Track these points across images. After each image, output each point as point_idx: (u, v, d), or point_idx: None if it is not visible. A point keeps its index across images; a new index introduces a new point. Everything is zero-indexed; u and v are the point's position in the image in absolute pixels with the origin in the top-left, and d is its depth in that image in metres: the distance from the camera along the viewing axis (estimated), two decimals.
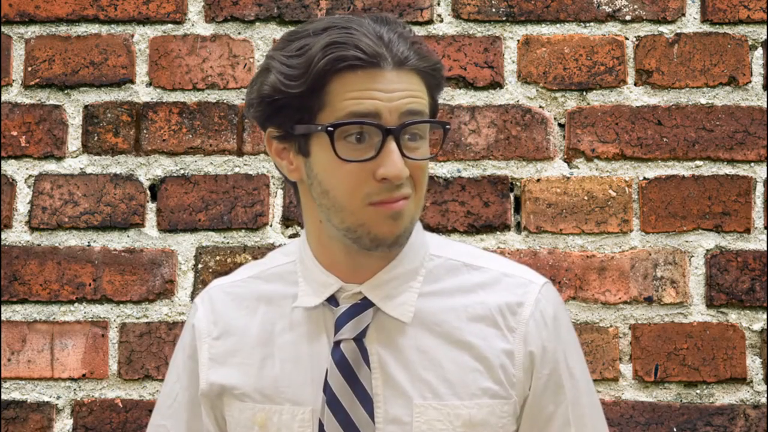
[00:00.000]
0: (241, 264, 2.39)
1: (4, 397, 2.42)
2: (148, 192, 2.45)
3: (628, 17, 2.45)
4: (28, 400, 2.42)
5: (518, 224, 2.42)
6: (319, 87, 1.64)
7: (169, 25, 2.49)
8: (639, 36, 2.45)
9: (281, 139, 1.71)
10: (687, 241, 2.40)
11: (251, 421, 1.75)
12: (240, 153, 2.45)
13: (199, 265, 2.42)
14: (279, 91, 1.66)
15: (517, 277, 1.77)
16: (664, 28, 2.45)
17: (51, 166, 2.46)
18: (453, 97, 2.44)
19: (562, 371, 1.74)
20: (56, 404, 2.42)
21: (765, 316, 2.37)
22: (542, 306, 1.74)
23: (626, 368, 2.38)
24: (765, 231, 2.39)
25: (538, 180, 2.42)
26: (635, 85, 2.44)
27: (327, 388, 1.69)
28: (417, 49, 1.67)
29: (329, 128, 1.62)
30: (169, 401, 1.86)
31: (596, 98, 2.44)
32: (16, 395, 2.42)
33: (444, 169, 2.42)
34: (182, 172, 2.45)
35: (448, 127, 1.71)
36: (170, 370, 1.89)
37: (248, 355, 1.78)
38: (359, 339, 1.70)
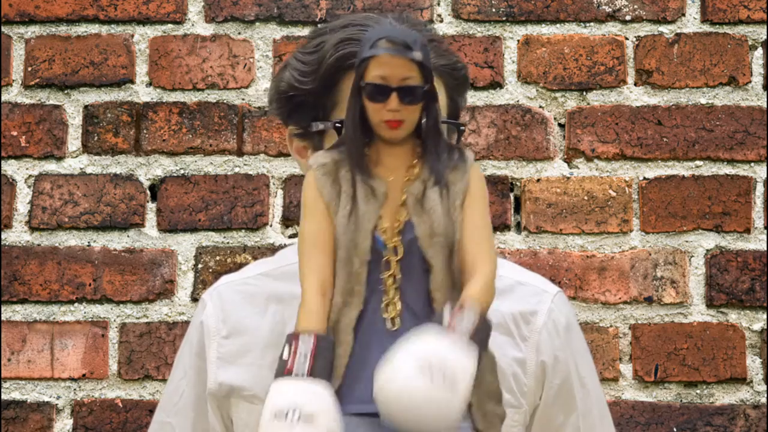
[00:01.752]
0: (241, 264, 2.39)
1: (4, 397, 2.41)
2: (148, 192, 2.45)
3: (628, 17, 2.45)
4: (28, 400, 2.42)
5: (518, 224, 2.42)
6: (331, 84, 1.61)
7: (169, 25, 2.48)
8: (639, 36, 2.45)
9: (301, 137, 1.69)
10: (687, 241, 2.40)
11: None
12: (240, 153, 2.45)
13: (199, 265, 2.42)
14: (293, 88, 1.64)
15: (531, 286, 1.74)
16: (664, 28, 2.45)
17: (51, 166, 2.46)
18: None
19: (573, 381, 1.73)
20: (56, 404, 2.41)
21: (765, 316, 2.37)
22: (555, 316, 1.72)
23: (626, 368, 2.38)
24: (765, 231, 2.40)
25: (538, 180, 2.42)
26: (635, 85, 2.44)
27: None
28: (435, 47, 1.63)
29: (336, 124, 1.61)
30: (174, 398, 1.82)
31: (596, 98, 2.44)
32: (16, 395, 2.42)
33: None
34: (182, 172, 2.45)
35: (462, 128, 1.69)
36: (176, 366, 1.84)
37: (259, 356, 1.75)
38: None
